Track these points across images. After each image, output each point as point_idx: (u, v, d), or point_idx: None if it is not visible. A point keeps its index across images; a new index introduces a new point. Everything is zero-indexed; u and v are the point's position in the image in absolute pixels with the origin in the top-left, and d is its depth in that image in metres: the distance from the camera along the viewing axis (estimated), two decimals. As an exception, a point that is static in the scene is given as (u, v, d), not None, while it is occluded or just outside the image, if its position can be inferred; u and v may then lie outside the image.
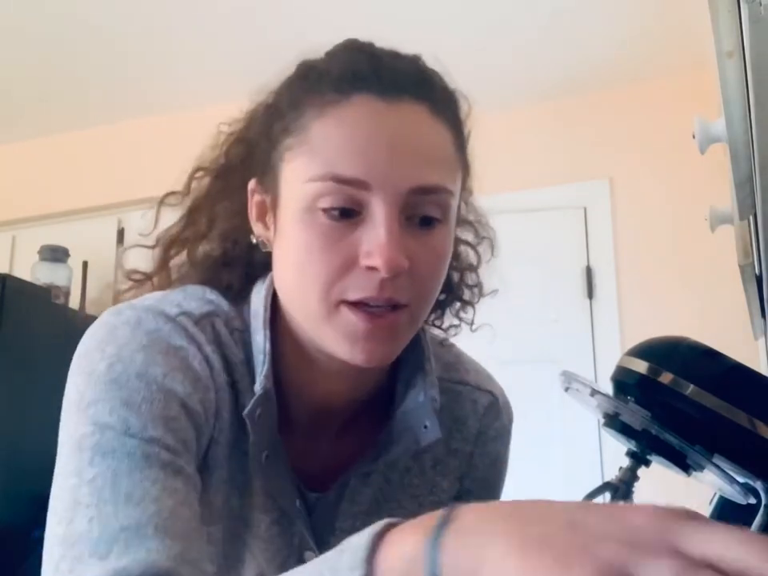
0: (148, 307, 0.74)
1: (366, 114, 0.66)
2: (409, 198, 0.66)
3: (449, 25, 2.85)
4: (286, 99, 0.72)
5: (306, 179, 0.66)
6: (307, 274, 0.66)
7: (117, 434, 0.63)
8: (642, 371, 0.95)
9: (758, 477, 0.97)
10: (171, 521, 0.58)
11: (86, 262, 3.33)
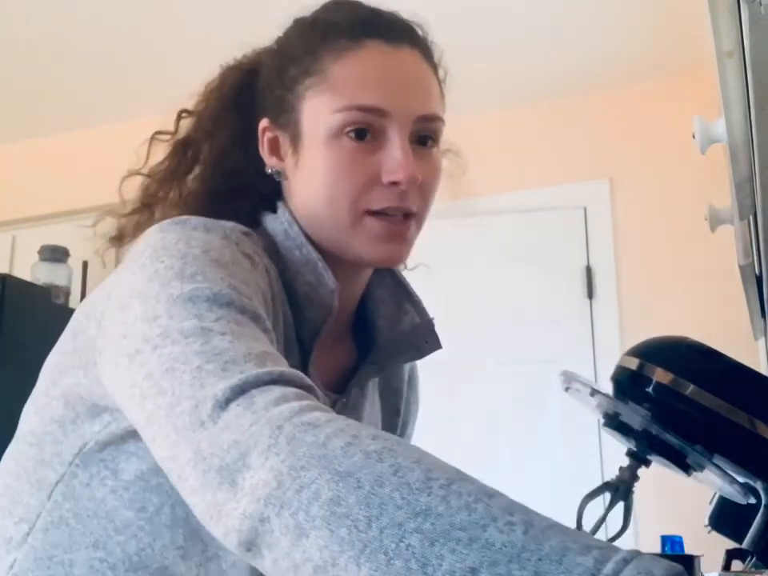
0: (206, 221, 0.76)
1: (378, 55, 0.80)
2: (416, 124, 0.80)
3: (449, 25, 2.85)
4: (300, 47, 0.83)
5: (332, 111, 0.78)
6: (338, 190, 0.78)
7: (230, 295, 0.66)
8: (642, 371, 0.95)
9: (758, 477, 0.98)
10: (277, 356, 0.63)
11: (85, 262, 3.33)
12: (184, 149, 0.91)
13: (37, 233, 3.50)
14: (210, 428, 0.55)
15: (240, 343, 0.61)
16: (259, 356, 0.60)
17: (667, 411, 0.92)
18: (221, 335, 0.61)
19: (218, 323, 0.63)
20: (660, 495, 2.41)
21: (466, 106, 3.71)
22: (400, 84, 0.80)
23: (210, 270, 0.68)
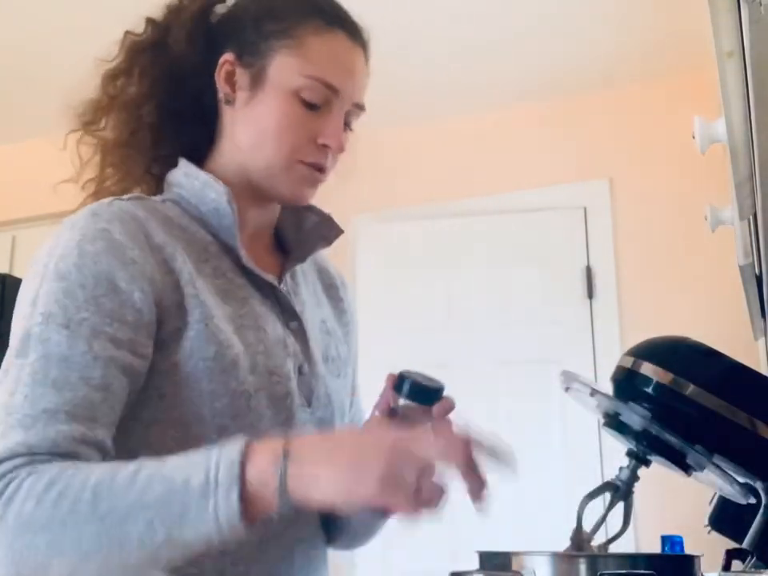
0: (83, 210, 0.91)
1: (345, 47, 0.98)
2: (351, 107, 0.98)
3: (449, 25, 2.85)
4: (285, 11, 0.98)
5: (300, 73, 0.95)
6: (282, 138, 0.95)
7: (57, 325, 0.82)
8: (642, 371, 0.95)
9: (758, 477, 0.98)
10: (81, 407, 0.79)
11: (85, 262, 3.33)
12: (144, 50, 1.03)
13: (37, 233, 3.50)
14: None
15: (29, 402, 0.79)
16: (32, 419, 0.78)
17: (667, 411, 0.92)
18: (23, 386, 0.80)
19: (31, 367, 0.80)
20: (660, 495, 2.41)
21: (466, 106, 3.72)
22: (352, 74, 0.98)
23: (50, 289, 0.84)
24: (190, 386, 0.87)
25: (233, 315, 0.91)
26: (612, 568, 0.80)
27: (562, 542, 0.96)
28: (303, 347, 0.98)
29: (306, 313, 1.01)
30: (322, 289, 1.10)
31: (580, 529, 0.92)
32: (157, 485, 0.74)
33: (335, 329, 1.07)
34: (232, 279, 0.94)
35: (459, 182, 3.25)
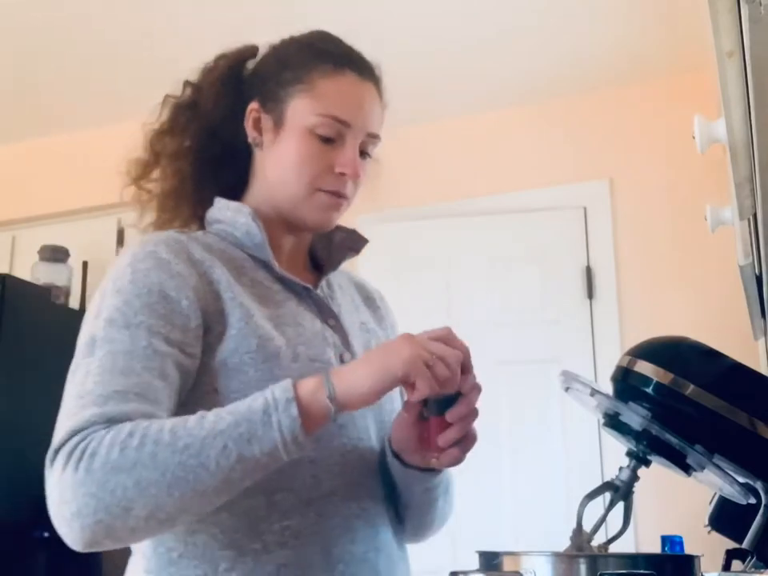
0: (134, 241, 1.06)
1: (353, 84, 1.09)
2: (365, 137, 1.09)
3: (448, 25, 2.85)
4: (297, 60, 1.11)
5: (312, 113, 1.07)
6: (301, 171, 1.07)
7: (119, 327, 0.94)
8: (642, 371, 0.95)
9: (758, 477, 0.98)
10: (147, 390, 0.90)
11: (85, 262, 3.33)
12: (183, 110, 1.18)
13: (37, 233, 3.50)
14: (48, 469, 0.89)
15: (101, 386, 0.90)
16: (104, 398, 0.89)
17: (667, 411, 0.92)
18: (93, 376, 0.92)
19: (99, 362, 0.93)
20: (660, 495, 2.41)
21: (466, 106, 3.71)
22: (362, 108, 1.09)
23: (111, 302, 0.98)
24: (238, 378, 0.97)
25: (271, 315, 1.03)
26: (612, 568, 0.80)
27: (562, 542, 0.96)
28: (343, 340, 1.09)
29: (343, 314, 1.13)
30: (361, 300, 1.23)
31: (580, 529, 0.92)
32: (225, 416, 0.87)
33: (376, 329, 1.19)
34: (269, 287, 1.07)
35: (459, 181, 3.25)
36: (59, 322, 3.10)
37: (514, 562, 0.83)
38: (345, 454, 1.01)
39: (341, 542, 0.98)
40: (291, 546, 0.95)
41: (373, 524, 1.03)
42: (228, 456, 0.85)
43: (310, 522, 0.97)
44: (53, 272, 3.23)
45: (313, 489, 0.98)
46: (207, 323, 0.98)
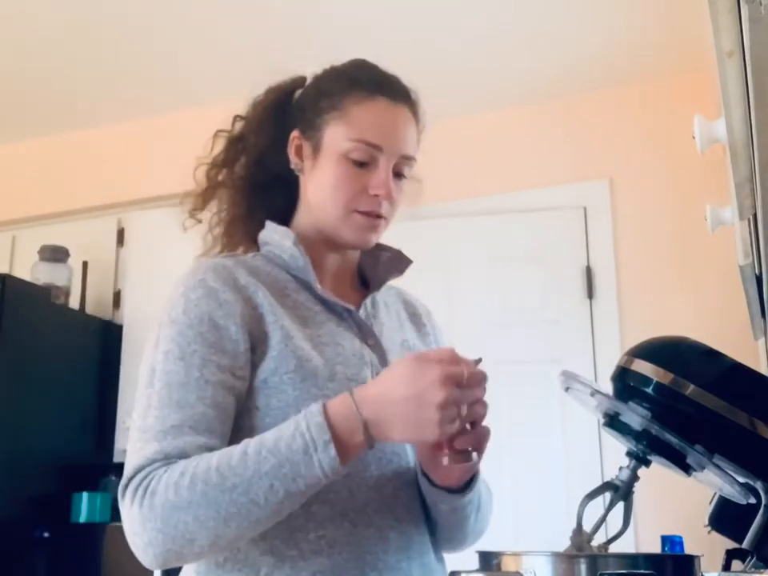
0: (187, 269, 1.12)
1: (384, 109, 1.15)
2: (399, 159, 1.14)
3: (448, 26, 2.85)
4: (332, 89, 1.17)
5: (346, 139, 1.13)
6: (338, 193, 1.13)
7: (174, 358, 1.03)
8: (642, 371, 0.95)
9: (758, 477, 0.97)
10: (200, 421, 0.99)
11: (85, 262, 3.33)
12: (235, 143, 1.25)
13: (37, 233, 3.49)
14: (120, 501, 0.98)
15: (160, 421, 0.99)
16: (163, 433, 0.98)
17: (667, 411, 0.92)
18: (153, 410, 1.00)
19: (158, 394, 1.01)
20: (660, 495, 2.41)
21: (466, 107, 3.71)
22: (394, 131, 1.14)
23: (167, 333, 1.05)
24: (277, 396, 1.05)
25: (311, 335, 1.10)
26: (612, 568, 0.80)
27: (562, 542, 0.96)
28: (381, 359, 1.13)
29: (384, 333, 1.18)
30: (407, 317, 1.28)
31: (580, 529, 0.92)
32: (267, 455, 0.93)
33: (418, 346, 1.23)
34: (310, 308, 1.13)
35: (459, 181, 3.24)
36: (59, 322, 3.10)
37: (514, 561, 0.83)
38: (380, 468, 1.07)
39: (374, 551, 1.03)
40: (326, 555, 1.01)
41: (407, 534, 1.07)
42: (276, 493, 0.93)
43: (344, 531, 1.02)
44: (53, 272, 3.23)
45: (347, 501, 1.04)
46: (253, 344, 1.06)
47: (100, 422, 3.13)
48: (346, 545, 1.02)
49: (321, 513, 1.02)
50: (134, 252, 3.34)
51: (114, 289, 3.34)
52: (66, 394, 3.01)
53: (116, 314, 3.29)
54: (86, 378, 3.12)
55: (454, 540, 1.17)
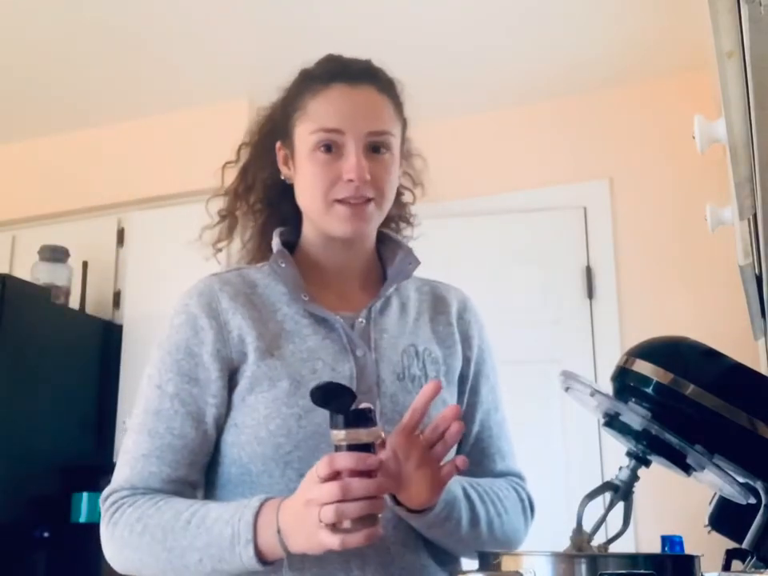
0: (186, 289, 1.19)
1: (340, 93, 1.15)
2: (368, 138, 1.13)
3: (449, 26, 2.85)
4: (294, 92, 1.19)
5: (309, 133, 1.14)
6: (315, 188, 1.14)
7: (153, 385, 1.12)
8: (643, 371, 0.95)
9: (758, 477, 0.97)
10: (166, 452, 1.09)
11: (85, 262, 3.33)
12: (245, 172, 1.28)
13: (37, 233, 3.49)
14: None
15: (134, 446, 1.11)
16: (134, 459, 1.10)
17: (667, 411, 0.92)
18: (133, 434, 1.12)
19: (137, 419, 1.13)
20: (660, 495, 2.40)
21: (466, 107, 3.71)
22: (354, 112, 1.13)
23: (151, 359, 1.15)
24: (251, 415, 1.09)
25: (293, 352, 1.12)
26: (612, 568, 0.80)
27: (562, 542, 0.96)
28: (366, 371, 1.13)
29: (385, 339, 1.17)
30: (431, 317, 1.25)
31: (580, 529, 0.92)
32: (203, 533, 1.01)
33: (430, 351, 1.21)
34: (298, 321, 1.15)
35: (459, 181, 3.24)
36: (59, 322, 3.10)
37: (514, 561, 0.83)
38: None
39: (348, 568, 1.05)
40: (297, 569, 1.03)
41: (388, 551, 1.07)
42: (204, 566, 1.02)
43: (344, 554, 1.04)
44: (53, 272, 3.23)
45: None
46: (234, 366, 1.12)
47: (100, 422, 3.13)
48: (316, 561, 1.02)
49: None
50: (133, 252, 3.34)
51: (114, 289, 3.34)
52: (66, 394, 3.01)
53: (116, 314, 3.29)
54: (86, 378, 3.12)
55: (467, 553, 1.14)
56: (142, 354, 3.27)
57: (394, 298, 1.23)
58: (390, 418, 1.09)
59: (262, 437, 1.08)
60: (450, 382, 1.21)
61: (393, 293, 1.23)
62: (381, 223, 1.23)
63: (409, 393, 1.13)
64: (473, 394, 1.25)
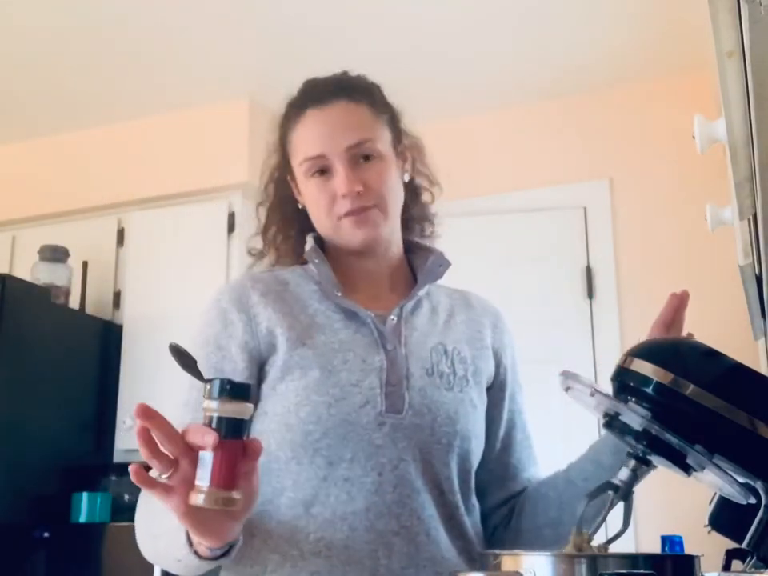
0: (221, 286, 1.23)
1: (312, 117, 1.19)
2: (348, 152, 1.16)
3: (449, 26, 2.85)
4: (282, 125, 1.25)
5: (298, 164, 1.20)
6: (320, 210, 1.19)
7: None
8: (643, 371, 0.95)
9: (758, 477, 0.97)
10: None
11: (85, 262, 3.33)
12: (271, 210, 1.31)
13: (37, 233, 3.50)
14: None
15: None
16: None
17: (667, 411, 0.92)
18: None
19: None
20: (660, 495, 2.40)
21: (466, 107, 3.72)
22: (329, 131, 1.18)
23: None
24: (281, 403, 1.10)
25: (324, 342, 1.14)
26: (612, 568, 0.80)
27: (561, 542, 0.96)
28: (397, 365, 1.15)
29: (414, 337, 1.20)
30: (463, 320, 1.28)
31: (580, 529, 0.92)
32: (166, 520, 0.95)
33: (459, 350, 1.23)
34: (329, 316, 1.18)
35: (459, 182, 3.24)
36: (59, 322, 3.10)
37: (514, 561, 0.83)
38: (382, 473, 1.09)
39: (375, 556, 1.06)
40: (324, 556, 1.05)
41: (414, 542, 1.08)
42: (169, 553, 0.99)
43: (342, 535, 1.06)
44: (53, 272, 3.24)
45: (346, 505, 1.07)
46: (264, 357, 1.14)
47: (100, 422, 3.13)
48: (343, 548, 1.05)
49: (321, 516, 1.07)
50: (133, 252, 3.34)
51: (114, 289, 3.34)
52: (65, 394, 3.02)
53: (116, 314, 3.29)
54: (86, 378, 3.12)
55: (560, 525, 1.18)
56: (141, 354, 3.29)
57: (425, 301, 1.26)
58: (417, 410, 1.12)
59: (291, 423, 1.09)
60: (478, 383, 1.24)
61: (424, 297, 1.25)
62: (405, 228, 1.30)
63: (437, 388, 1.16)
64: (512, 401, 1.37)
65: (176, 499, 0.81)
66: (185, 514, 0.82)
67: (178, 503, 0.81)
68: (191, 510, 0.81)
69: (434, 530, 1.11)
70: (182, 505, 0.81)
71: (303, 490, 1.08)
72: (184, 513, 0.82)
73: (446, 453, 1.14)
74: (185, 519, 0.83)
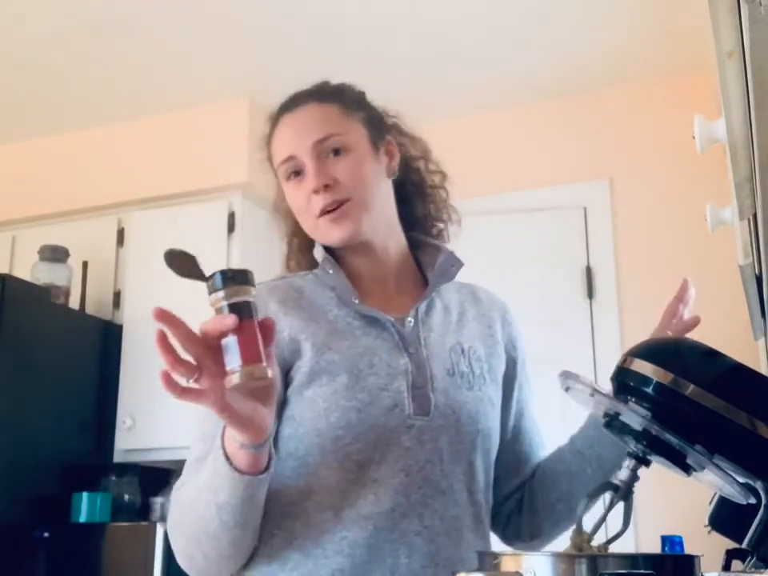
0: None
1: (283, 123, 1.24)
2: (315, 148, 1.19)
3: (449, 26, 2.85)
4: (266, 140, 1.28)
5: (277, 171, 1.24)
6: (298, 212, 1.23)
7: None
8: (643, 371, 0.95)
9: (758, 477, 0.97)
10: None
11: (85, 262, 3.33)
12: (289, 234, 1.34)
13: (37, 233, 3.50)
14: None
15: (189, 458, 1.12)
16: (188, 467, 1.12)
17: (667, 411, 0.92)
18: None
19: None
20: (660, 495, 2.41)
21: (466, 107, 3.72)
22: (296, 132, 1.21)
23: None
24: (310, 407, 1.11)
25: (349, 347, 1.14)
26: (612, 568, 0.80)
27: (562, 542, 0.96)
28: (419, 367, 1.16)
29: (432, 338, 1.21)
30: (474, 316, 1.30)
31: (580, 529, 0.92)
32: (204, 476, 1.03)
33: (475, 349, 1.25)
34: (350, 322, 1.18)
35: (459, 182, 3.24)
36: (59, 322, 3.10)
37: (514, 561, 0.83)
38: (410, 475, 1.10)
39: (396, 555, 1.07)
40: (346, 555, 1.07)
41: (434, 541, 1.10)
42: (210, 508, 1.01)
43: (366, 534, 1.07)
44: (53, 272, 3.23)
45: (374, 505, 1.08)
46: (288, 364, 1.13)
47: (100, 422, 3.13)
48: (366, 547, 1.07)
49: (348, 516, 1.08)
50: (133, 252, 3.34)
51: (114, 289, 3.34)
52: (65, 394, 3.01)
53: (116, 314, 3.29)
54: (85, 378, 3.12)
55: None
56: (142, 353, 3.29)
57: (437, 300, 1.26)
58: (442, 412, 1.14)
59: (321, 428, 1.10)
60: (494, 380, 1.26)
61: (434, 295, 1.26)
62: (413, 226, 1.30)
63: (458, 388, 1.18)
64: (520, 391, 1.41)
65: (211, 396, 0.84)
66: (222, 408, 0.85)
67: (215, 399, 0.84)
68: (228, 405, 0.85)
69: (456, 530, 1.13)
70: (218, 400, 0.85)
71: (332, 494, 1.09)
72: (222, 407, 0.85)
73: (469, 452, 1.16)
74: (223, 414, 0.86)
